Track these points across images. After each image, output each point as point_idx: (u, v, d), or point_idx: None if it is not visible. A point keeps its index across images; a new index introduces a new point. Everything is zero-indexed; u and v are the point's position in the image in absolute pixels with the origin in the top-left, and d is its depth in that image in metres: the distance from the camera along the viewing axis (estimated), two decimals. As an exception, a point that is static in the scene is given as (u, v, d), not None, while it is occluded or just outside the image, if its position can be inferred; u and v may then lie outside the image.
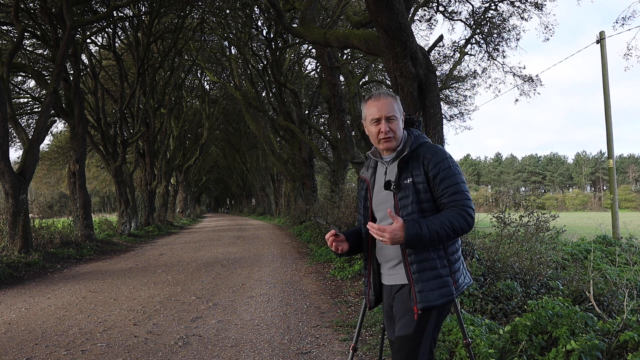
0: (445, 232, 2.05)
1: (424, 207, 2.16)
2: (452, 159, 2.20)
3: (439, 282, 2.13)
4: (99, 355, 4.28)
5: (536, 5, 15.32)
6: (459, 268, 2.22)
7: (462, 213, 2.09)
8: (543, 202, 59.79)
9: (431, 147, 2.23)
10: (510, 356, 3.51)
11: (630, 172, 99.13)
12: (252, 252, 12.48)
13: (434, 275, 2.13)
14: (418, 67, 6.93)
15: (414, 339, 2.12)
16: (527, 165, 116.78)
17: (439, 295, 2.12)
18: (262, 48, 22.79)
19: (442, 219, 2.08)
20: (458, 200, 2.12)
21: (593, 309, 4.37)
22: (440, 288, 2.13)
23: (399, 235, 2.03)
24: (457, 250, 2.24)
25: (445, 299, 2.13)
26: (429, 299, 2.11)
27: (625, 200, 69.05)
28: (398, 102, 2.31)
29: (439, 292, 2.12)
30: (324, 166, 35.43)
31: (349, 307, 5.89)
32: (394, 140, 2.25)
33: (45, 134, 15.09)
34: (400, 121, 2.29)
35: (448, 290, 2.14)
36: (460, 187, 2.14)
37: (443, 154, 2.19)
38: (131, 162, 24.68)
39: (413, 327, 2.12)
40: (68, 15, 12.82)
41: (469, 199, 2.14)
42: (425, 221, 2.07)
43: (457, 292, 2.18)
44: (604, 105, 13.22)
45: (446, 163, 2.16)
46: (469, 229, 2.12)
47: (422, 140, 2.28)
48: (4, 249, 10.77)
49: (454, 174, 2.14)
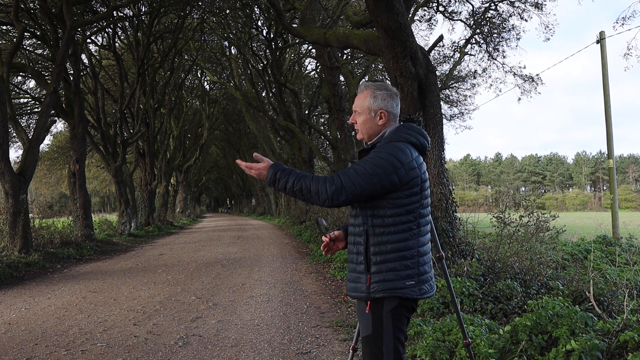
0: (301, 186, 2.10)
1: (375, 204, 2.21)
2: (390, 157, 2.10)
3: (354, 276, 2.20)
4: (99, 355, 4.28)
5: (536, 5, 15.33)
6: (381, 270, 2.12)
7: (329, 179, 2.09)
8: (543, 202, 59.73)
9: (385, 145, 2.18)
10: (510, 356, 3.51)
11: (630, 172, 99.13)
12: (252, 252, 12.48)
13: (351, 269, 2.23)
14: (418, 67, 6.94)
15: (375, 339, 2.15)
16: (527, 165, 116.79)
17: (352, 288, 2.20)
18: (262, 48, 22.80)
19: (304, 175, 2.13)
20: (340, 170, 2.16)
21: (593, 309, 4.37)
22: (354, 282, 2.20)
23: (264, 174, 2.22)
24: (388, 252, 2.14)
25: (357, 294, 2.18)
26: (347, 288, 2.24)
27: (625, 200, 69.05)
28: (374, 97, 2.29)
29: (353, 285, 2.20)
30: (324, 166, 35.44)
31: (349, 307, 5.88)
32: (360, 133, 2.33)
33: (45, 134, 15.10)
34: (369, 117, 2.28)
35: (360, 287, 2.17)
36: (356, 166, 2.11)
37: (385, 149, 2.14)
38: (131, 162, 24.68)
39: (370, 328, 2.16)
40: (68, 15, 12.82)
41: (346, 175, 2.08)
42: (291, 170, 2.16)
43: (374, 293, 2.12)
44: (604, 106, 13.23)
45: (375, 153, 2.14)
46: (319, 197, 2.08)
47: (392, 139, 2.21)
48: (4, 249, 10.77)
49: (368, 159, 2.12)
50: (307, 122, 23.55)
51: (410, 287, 2.14)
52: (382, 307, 2.14)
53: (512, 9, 15.97)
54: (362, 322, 2.21)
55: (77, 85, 14.88)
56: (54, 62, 13.45)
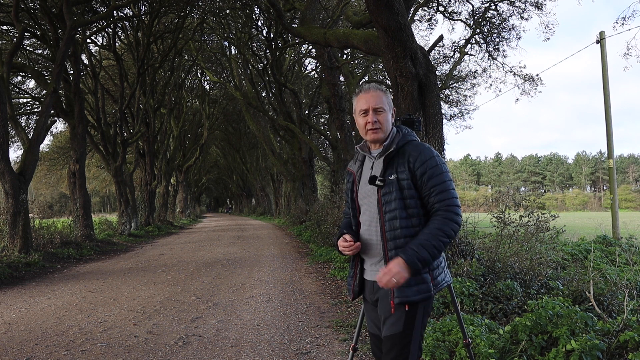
0: (440, 242, 2.09)
1: (407, 204, 2.18)
2: (439, 157, 2.20)
3: (417, 278, 2.14)
4: (99, 355, 4.28)
5: (536, 5, 15.34)
6: (437, 265, 2.21)
7: (449, 216, 2.11)
8: (543, 202, 59.75)
9: (417, 146, 2.24)
10: (510, 356, 3.51)
11: (630, 172, 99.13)
12: (252, 252, 12.48)
13: None
14: (418, 67, 6.93)
15: (404, 336, 2.12)
16: (527, 165, 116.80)
17: (416, 291, 2.14)
18: (262, 48, 22.80)
19: (432, 231, 2.10)
20: (445, 200, 2.13)
21: (593, 309, 4.37)
22: (417, 284, 2.14)
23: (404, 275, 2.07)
24: None
25: (422, 295, 2.14)
26: (406, 294, 2.13)
27: (625, 200, 69.04)
28: (388, 97, 2.32)
29: (416, 287, 2.14)
30: (324, 166, 35.43)
31: (349, 307, 5.88)
32: (381, 132, 2.26)
33: (45, 134, 15.08)
34: (389, 115, 2.30)
35: (426, 287, 2.14)
36: (446, 186, 2.15)
37: (430, 152, 2.20)
38: (131, 162, 24.68)
39: (402, 325, 2.13)
40: (68, 15, 12.82)
41: (455, 197, 2.15)
42: (417, 241, 2.09)
43: (436, 290, 2.18)
44: (604, 106, 13.23)
45: (433, 162, 2.16)
46: (459, 228, 2.15)
47: (410, 138, 2.28)
48: (4, 249, 10.77)
49: (441, 173, 2.15)
50: (307, 122, 23.55)
51: (448, 275, 2.30)
52: (417, 305, 2.14)
53: (512, 8, 15.98)
54: (390, 320, 2.16)
55: (77, 85, 14.88)
56: (54, 62, 13.45)
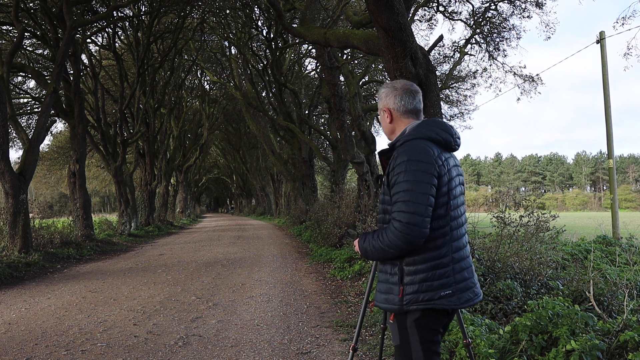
0: (380, 247, 2.04)
1: (386, 209, 2.10)
2: (410, 161, 1.98)
3: (386, 287, 2.11)
4: (99, 355, 4.28)
5: (537, 4, 15.33)
6: (416, 282, 2.01)
7: (390, 227, 1.98)
8: (543, 202, 59.75)
9: (404, 147, 2.06)
10: (510, 356, 3.51)
11: (630, 172, 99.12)
12: (252, 252, 12.48)
13: (383, 279, 2.14)
14: (418, 67, 6.93)
15: (404, 349, 2.09)
16: (527, 165, 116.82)
17: (383, 299, 2.11)
18: (262, 48, 22.79)
19: (380, 233, 2.06)
20: (394, 212, 1.99)
21: (593, 309, 4.37)
22: (386, 293, 2.10)
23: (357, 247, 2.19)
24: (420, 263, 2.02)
25: (389, 305, 2.08)
26: (376, 299, 2.15)
27: (625, 200, 69.03)
28: (379, 96, 2.28)
29: (384, 296, 2.11)
30: (324, 166, 35.44)
31: (349, 307, 5.88)
32: (386, 133, 2.31)
33: (45, 134, 15.09)
34: (381, 117, 2.27)
35: (392, 298, 2.06)
36: (400, 197, 1.96)
37: (403, 156, 2.01)
38: (131, 162, 24.68)
39: (398, 338, 2.11)
40: (68, 15, 12.82)
41: (401, 212, 1.94)
42: (372, 234, 2.10)
43: (409, 305, 2.01)
44: (604, 106, 13.21)
45: (401, 167, 1.98)
46: (399, 243, 1.95)
47: (408, 137, 2.10)
48: (4, 249, 10.77)
49: (402, 181, 1.97)
50: (307, 122, 23.54)
51: (447, 297, 2.01)
52: (405, 319, 2.06)
53: (513, 8, 15.98)
54: (392, 331, 2.15)
55: (77, 85, 14.87)
56: (54, 62, 13.45)
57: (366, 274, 7.58)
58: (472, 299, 2.07)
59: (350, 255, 8.89)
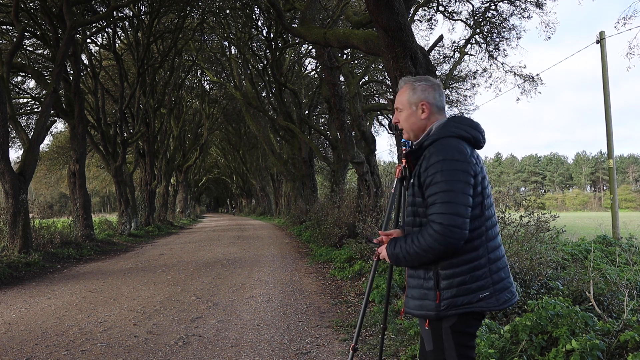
0: (414, 251, 1.93)
1: (417, 212, 2.03)
2: (446, 161, 1.92)
3: (420, 292, 2.01)
4: (99, 355, 4.28)
5: (537, 4, 15.34)
6: (452, 286, 1.95)
7: (429, 230, 1.89)
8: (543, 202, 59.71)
9: (436, 146, 1.98)
10: (510, 356, 3.51)
11: (630, 172, 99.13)
12: (252, 252, 12.47)
13: (417, 284, 2.04)
14: (418, 67, 6.93)
15: (436, 356, 2.01)
16: (527, 165, 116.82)
17: (418, 305, 2.02)
18: (262, 48, 22.79)
19: (414, 237, 1.95)
20: (432, 214, 1.90)
21: (593, 309, 4.37)
22: (421, 299, 2.01)
23: (384, 253, 2.06)
24: (457, 266, 1.96)
25: (424, 312, 1.99)
26: (408, 305, 2.05)
27: (625, 200, 69.03)
28: (412, 90, 2.14)
29: (419, 302, 2.01)
30: (324, 166, 35.43)
31: (349, 307, 5.88)
32: (405, 132, 2.16)
33: (45, 134, 15.09)
34: (409, 113, 2.13)
35: (428, 304, 1.98)
36: (437, 198, 1.89)
37: (437, 155, 1.94)
38: (131, 162, 24.69)
39: (431, 343, 2.02)
40: (68, 15, 12.82)
41: (441, 213, 1.87)
42: (404, 238, 2.00)
43: (449, 311, 1.94)
44: (604, 106, 13.20)
45: (435, 167, 1.91)
46: (438, 246, 1.88)
47: (439, 135, 2.02)
48: (4, 249, 10.77)
49: (438, 182, 1.90)
50: (307, 122, 23.53)
51: (486, 299, 1.95)
52: (440, 325, 1.98)
53: (513, 8, 15.98)
54: (424, 337, 2.06)
55: (77, 85, 14.87)
56: (54, 62, 13.45)
57: (366, 274, 7.58)
58: (510, 299, 2.01)
59: (350, 256, 8.89)
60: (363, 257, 8.44)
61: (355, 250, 8.83)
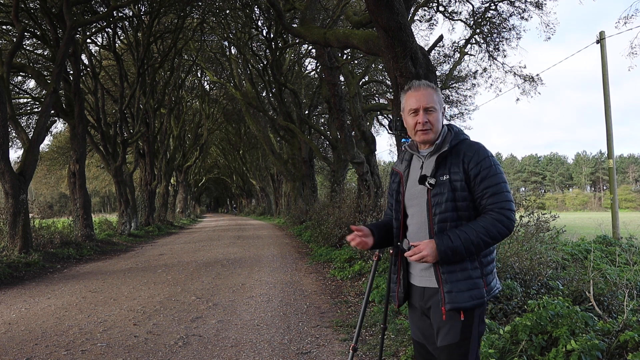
0: (481, 240, 1.99)
1: (459, 206, 2.08)
2: (493, 157, 2.11)
3: (469, 283, 2.04)
4: (99, 355, 4.28)
5: (536, 5, 15.34)
6: (491, 271, 2.12)
7: (499, 217, 2.01)
8: (543, 202, 59.74)
9: (472, 145, 2.14)
10: (510, 356, 3.51)
11: (630, 172, 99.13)
12: (252, 252, 12.48)
13: (464, 277, 2.05)
14: (418, 67, 6.93)
15: (461, 346, 2.03)
16: (527, 165, 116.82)
17: (468, 297, 2.03)
18: (262, 48, 22.79)
19: (476, 226, 2.01)
20: (497, 203, 2.03)
21: (593, 309, 4.37)
22: (470, 290, 2.03)
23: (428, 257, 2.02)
24: (492, 252, 2.14)
25: (475, 301, 2.03)
26: (457, 300, 2.03)
27: (625, 200, 68.99)
28: (439, 94, 2.24)
29: (469, 293, 2.03)
30: (324, 166, 35.43)
31: (349, 307, 5.88)
32: (432, 132, 2.17)
33: (45, 134, 15.11)
34: (440, 114, 2.20)
35: (479, 293, 2.03)
36: (501, 188, 2.05)
37: (484, 152, 2.11)
38: (131, 162, 24.68)
39: (458, 334, 2.04)
40: (68, 15, 12.82)
41: (509, 201, 2.04)
42: (457, 231, 2.02)
43: (489, 296, 2.07)
44: (604, 106, 13.21)
45: (487, 162, 2.07)
46: (508, 232, 2.03)
47: (463, 136, 2.19)
48: (4, 249, 10.77)
49: (495, 174, 2.06)
50: (307, 122, 23.54)
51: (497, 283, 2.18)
52: (472, 314, 2.04)
53: (512, 8, 15.98)
54: (445, 329, 2.07)
55: (77, 85, 14.87)
56: (54, 62, 13.45)
57: (366, 274, 7.58)
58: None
59: (351, 256, 8.90)
60: (363, 257, 8.44)
61: (356, 251, 8.83)
